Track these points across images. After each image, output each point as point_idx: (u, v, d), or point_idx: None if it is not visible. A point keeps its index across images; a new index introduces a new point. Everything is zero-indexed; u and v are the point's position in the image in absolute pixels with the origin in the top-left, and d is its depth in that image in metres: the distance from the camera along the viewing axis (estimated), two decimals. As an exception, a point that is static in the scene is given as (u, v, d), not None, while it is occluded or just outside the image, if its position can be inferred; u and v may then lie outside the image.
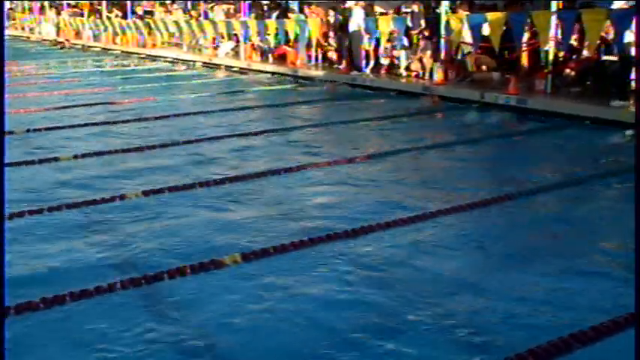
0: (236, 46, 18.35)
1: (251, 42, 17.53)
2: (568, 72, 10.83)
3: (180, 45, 21.17)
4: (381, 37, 13.62)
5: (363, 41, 13.83)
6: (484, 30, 11.39)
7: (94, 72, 17.55)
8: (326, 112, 11.27)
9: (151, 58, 20.76)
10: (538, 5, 11.42)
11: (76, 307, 3.67)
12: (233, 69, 17.09)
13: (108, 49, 23.94)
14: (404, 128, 9.36)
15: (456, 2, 12.56)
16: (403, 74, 13.12)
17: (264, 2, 19.48)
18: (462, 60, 12.40)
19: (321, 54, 15.68)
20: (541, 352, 3.12)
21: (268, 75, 15.74)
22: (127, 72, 17.26)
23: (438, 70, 12.17)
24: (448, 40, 12.23)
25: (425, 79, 12.49)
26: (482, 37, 11.48)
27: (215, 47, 19.05)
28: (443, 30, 12.25)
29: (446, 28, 12.17)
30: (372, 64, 13.83)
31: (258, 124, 9.66)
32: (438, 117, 10.67)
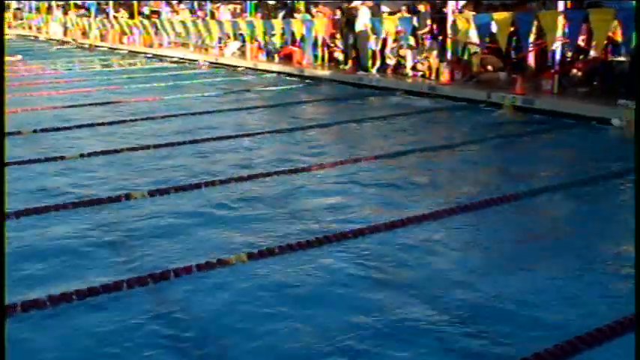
0: (242, 45, 18.37)
1: (257, 42, 17.54)
2: (575, 72, 10.80)
3: (186, 45, 21.22)
4: (387, 37, 13.61)
5: (370, 41, 13.82)
6: (491, 29, 11.37)
7: (102, 71, 17.60)
8: (332, 112, 11.27)
9: (158, 57, 20.82)
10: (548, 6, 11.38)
11: (77, 306, 3.68)
12: (239, 69, 17.12)
13: (114, 49, 24.03)
14: (410, 128, 9.35)
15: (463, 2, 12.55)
16: (410, 74, 13.11)
17: (271, 2, 19.49)
18: (468, 60, 12.39)
19: (327, 54, 15.68)
20: (546, 355, 3.09)
21: (274, 75, 15.76)
22: (134, 71, 17.30)
23: (444, 70, 12.16)
24: (454, 39, 12.21)
25: (431, 78, 12.48)
26: (489, 36, 11.46)
27: (222, 46, 19.07)
28: (449, 30, 12.23)
29: (452, 28, 12.15)
30: (379, 64, 13.82)
31: (264, 123, 9.68)
32: (445, 117, 10.65)
